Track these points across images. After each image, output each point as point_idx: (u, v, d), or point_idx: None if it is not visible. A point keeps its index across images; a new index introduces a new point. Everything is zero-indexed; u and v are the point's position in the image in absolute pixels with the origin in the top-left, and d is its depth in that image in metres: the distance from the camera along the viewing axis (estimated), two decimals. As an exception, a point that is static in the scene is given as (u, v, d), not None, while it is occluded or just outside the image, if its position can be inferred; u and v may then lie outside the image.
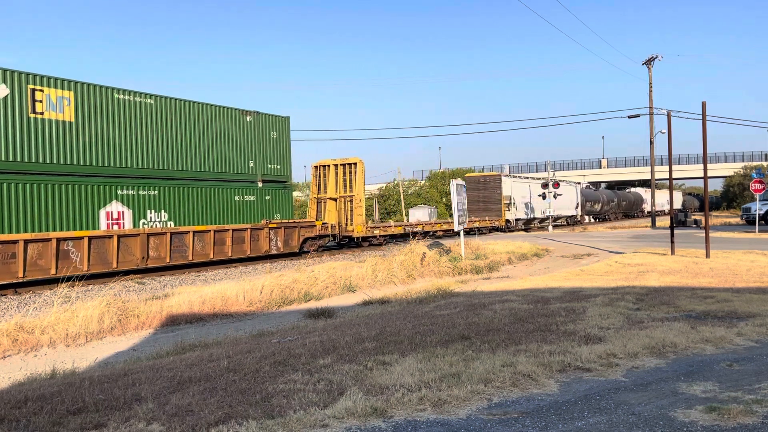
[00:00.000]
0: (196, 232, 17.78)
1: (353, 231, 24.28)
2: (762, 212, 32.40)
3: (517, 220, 37.77)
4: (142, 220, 17.43)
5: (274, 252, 20.63)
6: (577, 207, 46.51)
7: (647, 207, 67.20)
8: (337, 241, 25.41)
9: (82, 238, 14.78)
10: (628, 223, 50.04)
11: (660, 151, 55.98)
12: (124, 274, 15.90)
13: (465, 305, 9.21)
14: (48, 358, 7.94)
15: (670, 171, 19.70)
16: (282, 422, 4.00)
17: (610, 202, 55.90)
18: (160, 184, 18.06)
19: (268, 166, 22.03)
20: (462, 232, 18.13)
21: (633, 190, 68.55)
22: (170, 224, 18.07)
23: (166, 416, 4.21)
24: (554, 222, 40.24)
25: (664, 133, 27.16)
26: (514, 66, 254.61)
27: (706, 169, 17.35)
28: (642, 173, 77.59)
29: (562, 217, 43.63)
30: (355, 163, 24.35)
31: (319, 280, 12.99)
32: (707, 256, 15.96)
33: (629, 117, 41.40)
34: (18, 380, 6.59)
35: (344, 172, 24.76)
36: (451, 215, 26.26)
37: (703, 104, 17.13)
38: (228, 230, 18.80)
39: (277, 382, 5.02)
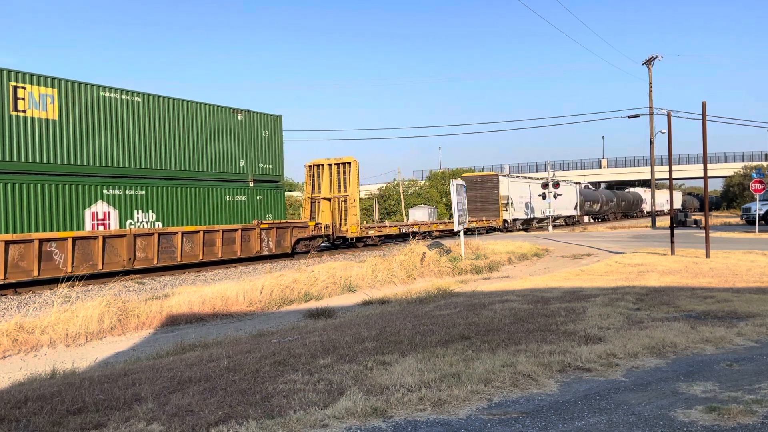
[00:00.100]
0: (185, 233, 17.45)
1: (347, 231, 23.92)
2: (762, 212, 32.40)
3: (515, 220, 37.48)
4: (129, 221, 17.03)
5: (265, 253, 20.28)
6: (575, 207, 46.40)
7: (646, 207, 67.14)
8: (331, 241, 24.99)
9: (66, 239, 14.45)
10: (627, 223, 50.04)
11: (660, 151, 56.06)
12: (125, 274, 15.88)
13: (465, 305, 9.22)
14: (48, 358, 7.94)
15: (670, 171, 19.71)
16: (282, 422, 4.00)
17: (609, 202, 55.83)
18: (148, 184, 17.62)
19: (260, 166, 21.57)
20: (462, 232, 18.14)
21: (632, 190, 68.43)
22: (158, 225, 17.68)
23: (166, 416, 4.21)
24: (553, 222, 40.20)
25: (664, 133, 27.18)
26: (514, 66, 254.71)
27: (706, 169, 17.36)
28: (642, 173, 77.61)
29: (560, 218, 43.56)
30: (350, 163, 24.02)
31: (319, 280, 12.99)
32: (707, 256, 15.97)
33: (629, 117, 41.43)
34: (18, 380, 6.59)
35: (338, 172, 24.40)
36: (451, 215, 26.25)
37: (703, 104, 17.15)
38: (218, 231, 18.46)
39: (277, 382, 5.03)
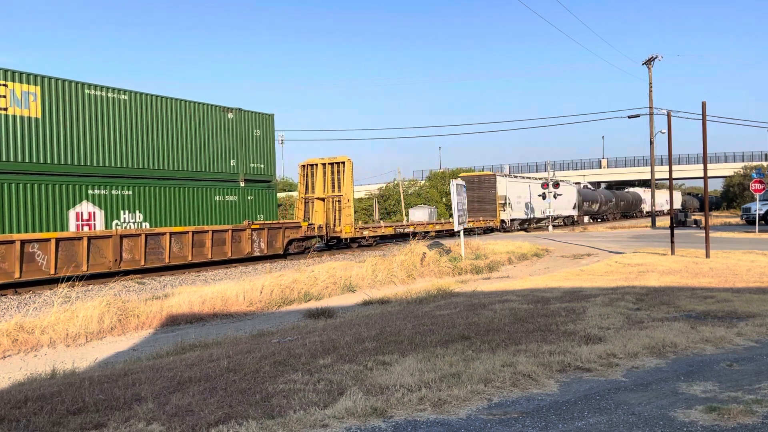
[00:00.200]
0: (173, 234, 17.13)
1: (341, 232, 23.51)
2: (762, 212, 32.40)
3: (513, 220, 37.27)
4: (115, 221, 16.70)
5: (257, 254, 19.90)
6: (574, 207, 46.24)
7: (646, 207, 67.05)
8: (325, 242, 24.54)
9: (49, 240, 14.14)
10: (627, 223, 50.01)
11: (660, 151, 56.18)
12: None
13: (465, 305, 9.22)
14: (48, 358, 7.94)
15: (670, 171, 19.71)
16: (282, 422, 4.00)
17: (608, 202, 55.72)
18: (135, 184, 17.27)
19: (251, 165, 21.18)
20: (462, 232, 18.14)
21: (631, 190, 68.26)
22: (146, 225, 17.35)
23: (166, 416, 4.21)
24: (552, 222, 40.15)
25: (664, 133, 27.19)
26: (514, 66, 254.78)
27: (706, 169, 17.36)
28: (642, 173, 77.61)
29: (559, 218, 43.45)
30: (344, 162, 23.59)
31: (319, 280, 12.99)
32: (707, 256, 15.96)
33: (629, 117, 41.43)
34: (18, 380, 6.59)
35: (332, 172, 23.96)
36: (451, 215, 26.21)
37: (703, 104, 17.14)
38: (207, 231, 18.15)
39: (277, 382, 5.02)
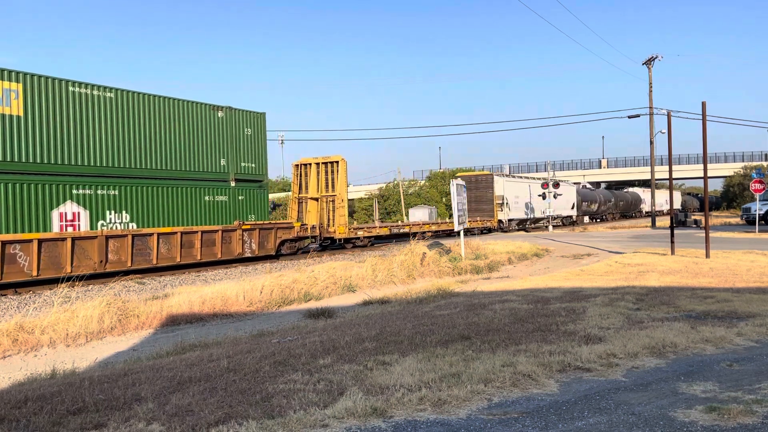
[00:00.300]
0: (161, 234, 16.79)
1: (335, 232, 23.20)
2: (762, 212, 32.40)
3: (510, 220, 37.11)
4: (101, 222, 16.33)
5: (248, 255, 19.55)
6: (573, 207, 46.05)
7: (645, 207, 66.99)
8: (319, 242, 24.16)
9: (31, 241, 13.84)
10: (627, 223, 50.01)
11: (660, 151, 56.10)
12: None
13: (465, 305, 9.22)
14: (48, 358, 7.94)
15: (670, 171, 19.71)
16: (282, 422, 4.00)
17: (608, 202, 55.64)
18: (121, 183, 16.92)
19: (242, 165, 20.84)
20: (462, 232, 18.14)
21: (631, 190, 68.12)
22: (133, 226, 16.99)
23: (166, 416, 4.21)
24: (547, 222, 40.10)
25: (664, 133, 27.18)
26: (514, 66, 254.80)
27: (706, 169, 17.36)
28: (642, 173, 77.61)
29: (558, 218, 43.37)
30: (337, 162, 23.28)
31: (319, 280, 12.99)
32: (707, 256, 15.96)
33: (629, 117, 41.45)
34: (18, 380, 6.59)
35: (326, 171, 23.63)
36: (451, 215, 26.19)
37: (703, 104, 17.15)
38: (197, 232, 17.82)
39: (277, 382, 5.02)
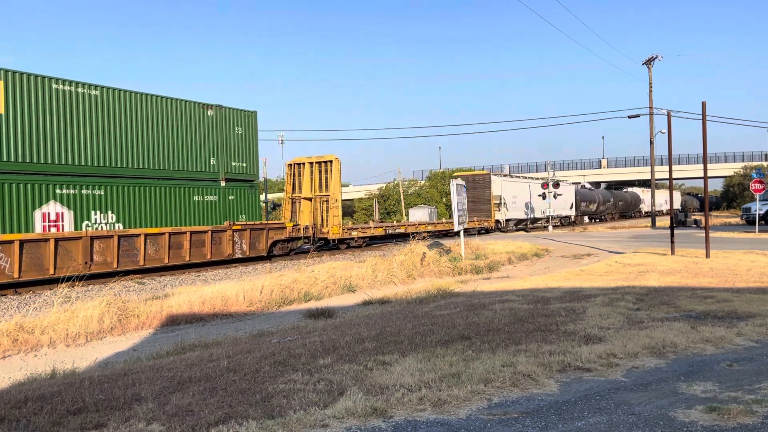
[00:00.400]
0: (148, 235, 16.39)
1: (328, 233, 22.81)
2: (762, 212, 32.39)
3: (508, 220, 36.97)
4: (86, 222, 16.03)
5: (238, 256, 19.18)
6: (571, 207, 45.84)
7: (645, 207, 66.89)
8: (312, 243, 23.54)
9: (12, 242, 13.46)
10: (627, 223, 49.98)
11: (660, 151, 56.10)
12: (125, 275, 15.87)
13: (465, 305, 9.21)
14: (48, 358, 7.94)
15: (670, 171, 19.70)
16: (282, 422, 4.00)
17: (606, 202, 55.49)
18: (107, 183, 16.62)
19: (232, 164, 20.54)
20: (462, 232, 18.13)
21: (630, 190, 67.92)
22: (119, 226, 16.70)
23: (166, 416, 4.21)
24: (546, 223, 40.03)
25: (664, 133, 27.17)
26: (514, 66, 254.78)
27: (706, 169, 17.35)
28: (642, 173, 77.59)
29: (556, 218, 43.27)
30: (331, 161, 22.90)
31: (319, 280, 12.99)
32: (707, 256, 15.96)
33: (629, 117, 41.41)
34: (18, 380, 6.59)
35: (320, 171, 23.25)
36: (450, 215, 26.17)
37: (703, 104, 17.14)
38: (185, 233, 17.43)
39: (277, 382, 5.02)
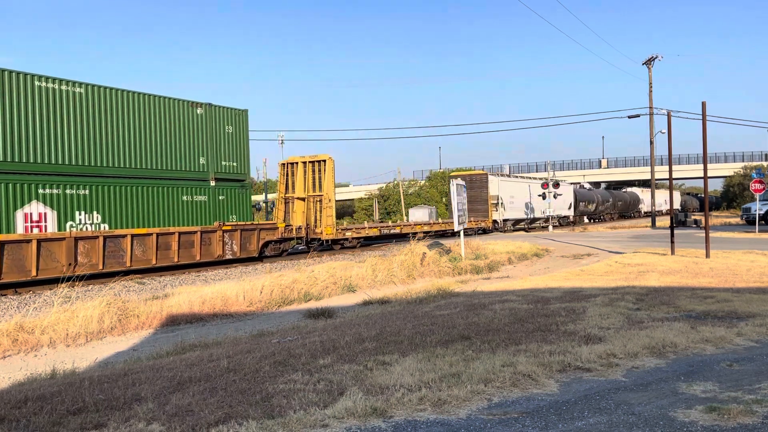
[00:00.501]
0: (135, 236, 16.03)
1: (321, 233, 22.48)
2: (762, 212, 32.38)
3: (505, 220, 36.89)
4: (70, 223, 15.76)
5: (229, 257, 18.88)
6: (570, 207, 45.65)
7: (644, 207, 66.77)
8: (305, 243, 23.35)
9: None
10: (627, 223, 49.95)
11: (660, 151, 56.06)
12: (126, 274, 15.86)
13: (465, 305, 9.21)
14: (48, 358, 7.94)
15: (670, 171, 19.70)
16: (282, 422, 4.00)
17: (605, 202, 55.31)
18: (92, 183, 16.34)
19: (223, 163, 20.26)
20: (462, 232, 18.14)
21: (629, 189, 67.73)
22: (104, 227, 16.42)
23: (166, 416, 4.21)
24: (544, 223, 39.98)
25: (664, 133, 27.16)
26: (514, 66, 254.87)
27: (706, 169, 17.35)
28: (642, 173, 77.59)
29: (554, 218, 43.19)
30: (324, 161, 22.67)
31: (319, 280, 12.99)
32: (707, 256, 15.96)
33: (629, 117, 41.41)
34: (18, 380, 6.59)
35: (313, 170, 22.98)
36: (450, 215, 26.15)
37: (703, 104, 17.14)
38: (173, 233, 17.10)
39: (277, 382, 5.02)
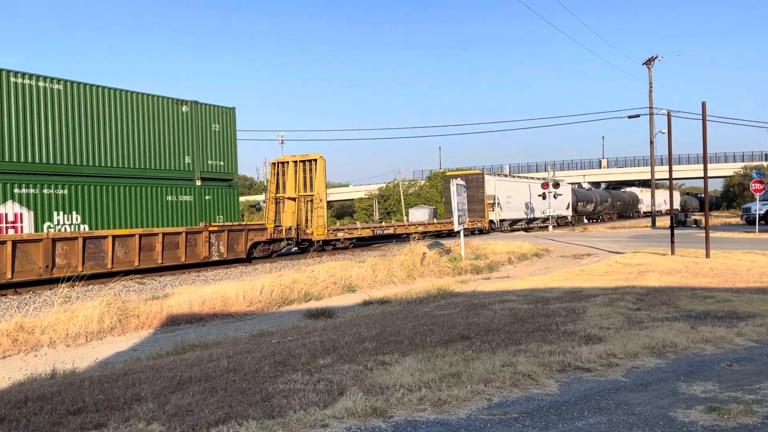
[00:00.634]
0: (116, 237, 15.56)
1: (312, 234, 22.06)
2: (762, 212, 32.38)
3: (502, 221, 36.84)
4: (47, 223, 15.36)
5: (215, 258, 18.44)
6: (568, 207, 45.48)
7: (643, 207, 66.67)
8: (296, 244, 23.01)
9: None
10: (627, 223, 49.93)
11: (660, 151, 56.05)
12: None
13: (465, 305, 9.21)
14: (48, 358, 7.94)
15: (670, 171, 19.69)
16: (282, 422, 4.00)
17: (604, 202, 55.13)
18: (71, 182, 15.94)
19: (209, 163, 19.85)
20: (462, 232, 18.14)
21: (628, 190, 67.54)
22: (84, 228, 16.01)
23: (166, 416, 4.21)
24: (543, 223, 39.94)
25: (664, 133, 27.16)
26: (515, 66, 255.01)
27: (706, 169, 17.35)
28: (642, 173, 77.61)
29: (554, 218, 43.12)
30: (316, 160, 22.25)
31: (319, 280, 12.99)
32: (707, 256, 15.96)
33: (629, 117, 41.42)
34: (18, 380, 6.59)
35: (304, 170, 22.54)
36: (449, 215, 26.18)
37: (703, 104, 17.14)
38: (157, 234, 16.65)
39: (277, 382, 5.02)
